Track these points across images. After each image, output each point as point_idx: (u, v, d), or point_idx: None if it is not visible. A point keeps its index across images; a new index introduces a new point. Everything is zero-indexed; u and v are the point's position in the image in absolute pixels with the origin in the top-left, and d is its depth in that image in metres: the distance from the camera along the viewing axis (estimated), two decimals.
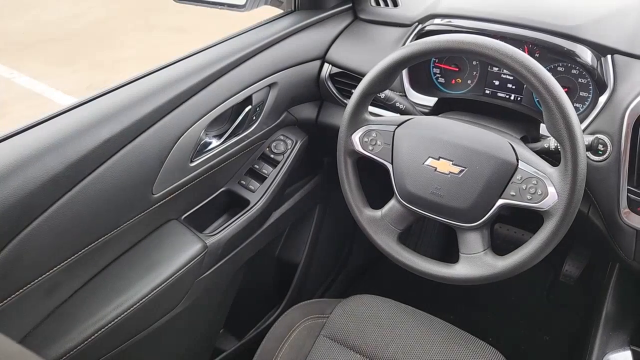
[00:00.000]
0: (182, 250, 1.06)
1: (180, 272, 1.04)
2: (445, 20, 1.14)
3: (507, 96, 1.17)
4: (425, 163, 0.96)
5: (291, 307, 1.18)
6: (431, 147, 0.96)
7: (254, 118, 1.18)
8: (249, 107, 1.16)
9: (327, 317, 1.12)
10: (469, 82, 1.20)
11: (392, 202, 1.03)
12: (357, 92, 1.00)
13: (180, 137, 1.01)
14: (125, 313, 0.96)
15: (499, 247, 1.03)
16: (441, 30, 1.13)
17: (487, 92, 1.18)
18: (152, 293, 0.99)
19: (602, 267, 1.33)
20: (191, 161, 1.06)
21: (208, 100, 1.06)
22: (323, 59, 1.29)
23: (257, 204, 1.20)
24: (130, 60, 4.43)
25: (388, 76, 0.97)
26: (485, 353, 1.03)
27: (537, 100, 1.11)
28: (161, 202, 1.02)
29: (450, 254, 1.37)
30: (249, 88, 1.14)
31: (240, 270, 1.28)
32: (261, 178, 1.24)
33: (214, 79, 1.07)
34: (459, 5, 1.15)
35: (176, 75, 1.02)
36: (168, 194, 1.03)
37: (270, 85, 1.20)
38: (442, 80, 1.23)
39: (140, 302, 0.98)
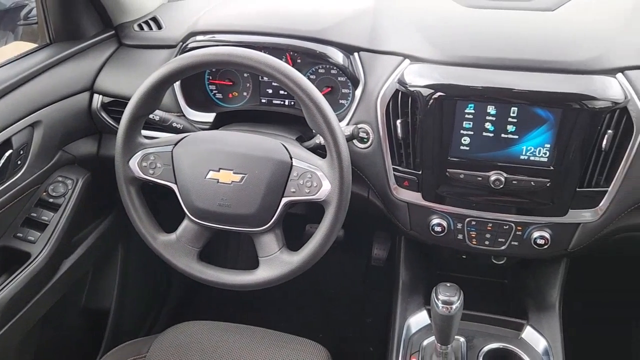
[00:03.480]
0: None
1: None
2: (207, 37, 1.16)
3: (282, 102, 1.23)
4: (207, 177, 0.96)
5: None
6: (210, 160, 0.96)
7: (19, 162, 1.07)
8: (10, 151, 1.05)
9: (145, 356, 1.06)
10: (245, 94, 1.24)
11: (185, 223, 1.02)
12: (124, 117, 0.96)
13: None
14: None
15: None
16: (204, 46, 1.15)
17: (264, 101, 1.24)
18: None
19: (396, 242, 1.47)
20: None
21: None
22: (91, 89, 1.23)
23: (40, 255, 1.09)
24: None
25: (153, 97, 0.95)
26: (309, 349, 1.06)
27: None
28: None
29: None
30: (5, 131, 1.03)
31: (34, 330, 1.14)
32: (41, 226, 1.12)
33: None
34: (218, 22, 1.19)
35: None
36: None
37: (32, 125, 1.10)
38: (219, 95, 1.26)
39: None
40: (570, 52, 0.96)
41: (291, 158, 0.95)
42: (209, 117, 1.18)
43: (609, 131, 0.93)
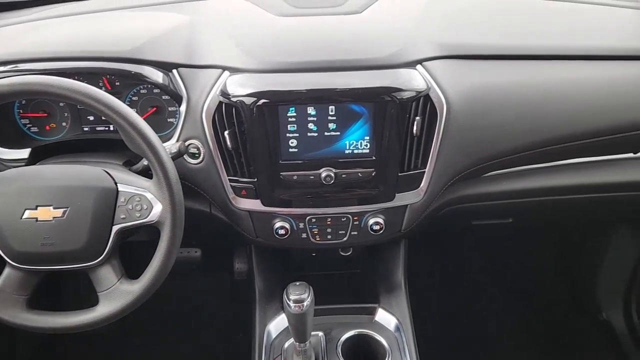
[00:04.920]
0: None
1: None
2: (10, 67, 1.07)
3: (107, 128, 1.17)
4: (24, 217, 0.88)
5: None
6: (24, 198, 0.89)
7: None
8: None
9: None
10: (64, 124, 1.16)
11: (6, 271, 0.92)
12: None
13: None
14: None
15: None
16: (7, 77, 1.05)
17: (86, 129, 1.17)
18: None
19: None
20: None
21: None
22: None
23: None
24: None
25: None
26: None
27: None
28: None
29: None
30: None
31: None
32: None
33: None
34: (20, 50, 1.10)
35: None
36: None
37: None
38: (35, 129, 1.16)
39: None
40: (375, 49, 1.04)
41: (116, 184, 0.91)
42: (24, 152, 1.09)
43: (417, 118, 1.02)
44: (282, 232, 1.11)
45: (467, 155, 1.10)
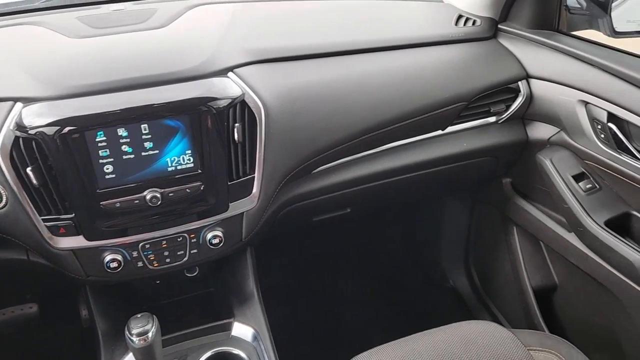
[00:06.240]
0: None
1: None
2: None
3: None
4: None
5: None
6: None
7: None
8: None
9: None
10: None
11: None
12: None
13: None
14: None
15: None
16: None
17: None
18: None
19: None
20: None
21: None
22: None
23: None
24: None
25: None
26: None
27: None
28: None
29: None
30: None
31: None
32: None
33: None
34: None
35: None
36: None
37: None
38: None
39: None
40: (182, 61, 1.02)
41: None
42: None
43: (237, 125, 1.02)
44: (114, 265, 1.03)
45: (293, 154, 1.12)
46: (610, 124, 1.15)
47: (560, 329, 1.53)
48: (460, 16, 1.40)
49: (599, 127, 1.18)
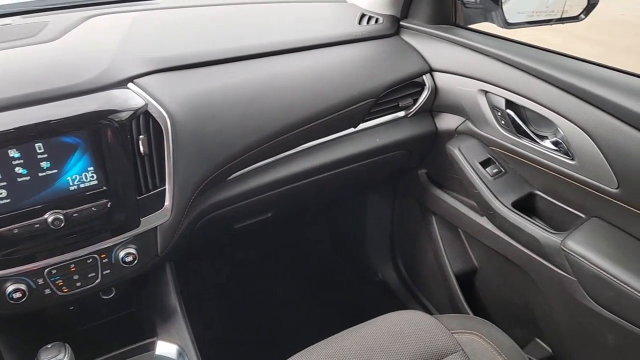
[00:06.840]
0: None
1: None
2: None
3: None
4: None
5: None
6: None
7: None
8: None
9: None
10: None
11: None
12: None
13: None
14: None
15: None
16: None
17: None
18: None
19: None
20: None
21: None
22: None
23: None
24: None
25: None
26: None
27: None
28: None
29: None
30: None
31: None
32: None
33: None
34: None
35: None
36: None
37: None
38: None
39: None
40: (77, 74, 0.97)
41: None
42: None
43: (141, 136, 0.98)
44: (17, 295, 0.96)
45: (205, 162, 1.10)
46: (508, 111, 1.22)
47: (483, 310, 1.59)
48: (363, 15, 1.43)
49: (499, 114, 1.24)
